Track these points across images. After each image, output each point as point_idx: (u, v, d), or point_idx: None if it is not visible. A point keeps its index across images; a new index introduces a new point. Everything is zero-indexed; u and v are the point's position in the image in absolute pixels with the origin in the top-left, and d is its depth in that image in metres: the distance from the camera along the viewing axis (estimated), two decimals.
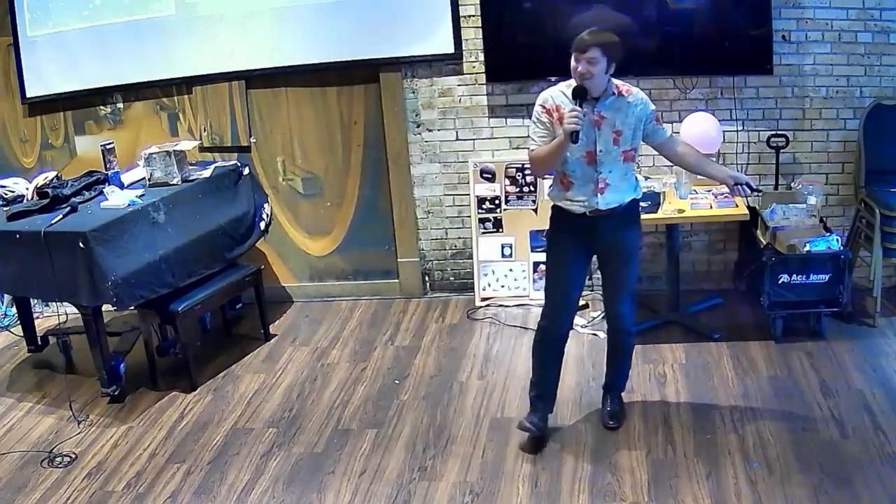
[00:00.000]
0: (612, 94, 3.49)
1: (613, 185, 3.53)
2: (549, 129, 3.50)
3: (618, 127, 3.50)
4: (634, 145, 3.57)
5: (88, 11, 5.20)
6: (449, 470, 3.63)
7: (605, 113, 3.48)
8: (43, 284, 4.21)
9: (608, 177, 3.52)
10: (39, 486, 3.73)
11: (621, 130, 3.50)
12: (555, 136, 3.47)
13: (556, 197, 3.63)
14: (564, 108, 3.45)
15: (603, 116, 3.48)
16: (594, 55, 3.36)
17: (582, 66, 3.38)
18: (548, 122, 3.51)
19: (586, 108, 3.43)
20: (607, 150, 3.50)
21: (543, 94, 3.55)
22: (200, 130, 5.38)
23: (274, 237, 5.42)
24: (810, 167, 4.93)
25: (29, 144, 5.61)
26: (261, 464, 3.79)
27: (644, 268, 5.19)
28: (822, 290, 4.34)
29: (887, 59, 4.71)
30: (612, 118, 3.49)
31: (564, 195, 3.59)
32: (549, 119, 3.50)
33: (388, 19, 4.97)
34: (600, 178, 3.51)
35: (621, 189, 3.56)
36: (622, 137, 3.51)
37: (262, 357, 4.82)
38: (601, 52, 3.37)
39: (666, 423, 3.82)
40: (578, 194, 3.56)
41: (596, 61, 3.37)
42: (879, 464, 3.40)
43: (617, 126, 3.50)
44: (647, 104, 3.56)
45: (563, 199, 3.60)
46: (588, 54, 3.36)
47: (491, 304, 5.21)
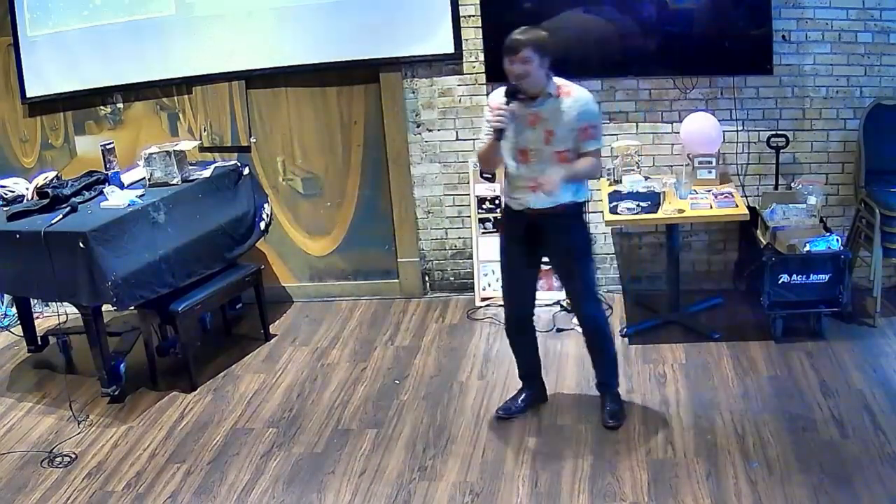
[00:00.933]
0: (552, 95, 3.54)
1: (545, 185, 3.54)
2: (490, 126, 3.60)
3: (551, 127, 3.54)
4: (569, 147, 3.56)
5: (88, 11, 5.20)
6: (449, 470, 3.63)
7: (540, 112, 3.54)
8: (43, 284, 4.21)
9: (540, 176, 3.54)
10: (39, 486, 3.73)
11: (553, 131, 3.54)
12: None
13: (503, 192, 3.79)
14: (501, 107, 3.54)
15: (538, 116, 3.54)
16: (527, 55, 3.43)
17: (517, 66, 3.45)
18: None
19: (520, 106, 3.52)
20: (539, 149, 3.56)
21: (490, 95, 3.66)
22: (200, 130, 5.38)
23: (274, 237, 5.42)
24: (810, 167, 4.93)
25: (29, 144, 5.61)
26: (261, 464, 3.79)
27: (644, 268, 5.21)
28: (822, 290, 4.34)
29: (887, 59, 4.71)
30: (546, 118, 3.54)
31: (507, 191, 3.74)
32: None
33: (388, 19, 4.97)
34: (533, 176, 3.57)
35: (552, 190, 3.54)
36: (555, 138, 3.55)
37: (262, 357, 4.82)
38: (533, 50, 3.43)
39: (666, 423, 3.82)
40: (517, 192, 3.67)
41: (530, 60, 3.43)
42: (879, 464, 3.40)
43: (550, 126, 3.54)
44: (586, 111, 3.55)
45: (506, 196, 3.75)
46: (522, 54, 3.43)
47: (491, 304, 5.21)
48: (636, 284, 5.24)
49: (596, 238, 3.93)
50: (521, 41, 3.44)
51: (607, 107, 4.98)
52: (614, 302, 5.10)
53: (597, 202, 5.06)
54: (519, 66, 3.45)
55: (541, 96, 3.54)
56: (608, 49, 4.89)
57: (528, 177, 3.60)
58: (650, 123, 4.99)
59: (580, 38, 4.86)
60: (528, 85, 3.50)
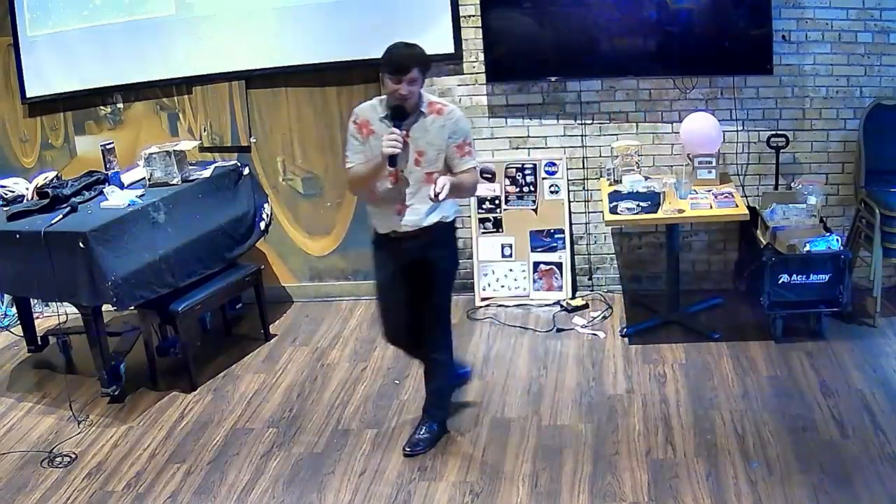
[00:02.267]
0: (422, 113, 3.41)
1: (413, 206, 3.45)
2: (363, 145, 3.45)
3: (421, 147, 3.42)
4: (439, 168, 3.45)
5: (88, 11, 5.21)
6: (449, 470, 3.63)
7: (410, 132, 3.40)
8: (43, 284, 4.21)
9: (409, 198, 3.45)
10: (39, 486, 3.73)
11: (424, 151, 3.42)
12: (368, 151, 3.42)
13: (370, 214, 3.61)
14: (373, 125, 3.42)
15: (405, 137, 3.38)
16: (415, 75, 3.30)
17: (405, 87, 3.29)
18: (360, 137, 3.45)
19: (388, 125, 3.37)
20: (409, 170, 3.43)
21: (356, 109, 3.50)
22: (200, 130, 5.38)
23: (274, 237, 5.42)
24: (810, 167, 4.93)
25: (29, 144, 5.61)
26: (261, 464, 3.79)
27: (644, 268, 5.21)
28: (822, 290, 4.34)
29: (887, 59, 4.71)
30: (416, 138, 3.41)
31: (373, 214, 3.58)
32: (361, 134, 3.45)
33: (388, 19, 4.96)
34: (400, 198, 3.45)
35: (421, 211, 3.47)
36: (424, 159, 3.43)
37: (262, 357, 4.82)
38: (420, 70, 3.32)
39: (666, 423, 3.82)
40: (380, 213, 3.53)
41: (417, 80, 3.32)
42: (879, 464, 3.40)
43: (420, 146, 3.42)
44: (458, 128, 3.45)
45: (373, 219, 3.59)
46: (409, 75, 3.28)
47: (491, 304, 5.21)
48: (636, 284, 5.24)
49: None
50: (410, 59, 3.29)
51: (607, 107, 4.99)
52: (614, 302, 5.11)
53: (597, 202, 5.07)
54: (406, 87, 3.29)
55: (411, 115, 3.40)
56: (608, 49, 4.89)
57: (396, 199, 3.45)
58: (650, 123, 4.99)
59: (580, 38, 4.86)
60: (410, 105, 3.36)
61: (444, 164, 3.47)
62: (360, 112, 3.48)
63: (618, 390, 4.14)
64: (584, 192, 5.15)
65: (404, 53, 3.32)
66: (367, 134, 3.44)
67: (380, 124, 3.42)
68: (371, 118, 3.44)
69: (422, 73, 3.34)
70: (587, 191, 5.14)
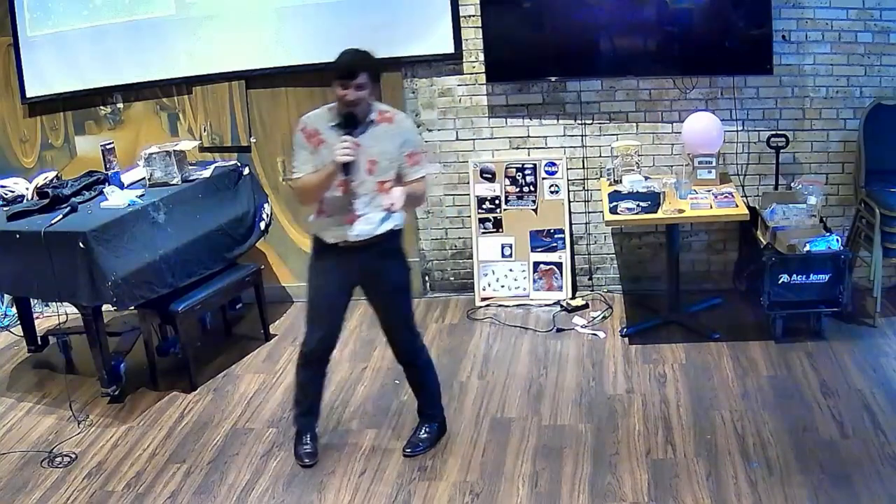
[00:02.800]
0: (372, 122, 3.38)
1: (365, 216, 3.42)
2: (312, 155, 3.39)
3: (373, 156, 3.37)
4: (391, 177, 3.42)
5: (88, 11, 5.21)
6: (449, 470, 3.63)
7: (361, 141, 3.34)
8: (43, 284, 4.21)
9: (360, 207, 3.40)
10: (39, 486, 3.73)
11: (377, 161, 3.38)
12: (318, 160, 3.37)
13: (314, 224, 3.52)
14: (322, 134, 3.36)
15: (358, 145, 3.32)
16: (363, 80, 3.26)
17: (352, 93, 3.25)
18: (309, 146, 3.39)
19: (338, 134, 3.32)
20: (361, 180, 3.37)
21: (303, 119, 3.43)
22: (200, 130, 5.38)
23: (274, 237, 5.42)
24: (810, 167, 4.93)
25: (29, 144, 5.61)
26: (261, 464, 3.79)
27: (644, 268, 5.21)
28: (822, 290, 4.34)
29: (887, 59, 4.71)
30: (368, 147, 3.35)
31: (318, 223, 3.49)
32: (310, 143, 3.39)
33: (388, 19, 4.97)
34: (352, 207, 3.40)
35: (373, 220, 3.43)
36: (378, 167, 3.39)
37: (262, 357, 4.82)
38: (368, 75, 3.28)
39: (666, 423, 3.82)
40: (330, 224, 3.45)
41: (365, 86, 3.27)
42: (879, 464, 3.40)
43: (372, 155, 3.37)
44: (409, 136, 3.45)
45: (318, 228, 3.51)
46: (358, 80, 3.25)
47: (491, 304, 5.21)
48: (636, 284, 5.24)
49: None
50: (357, 64, 3.25)
51: (607, 107, 4.99)
52: (614, 302, 5.11)
53: (597, 202, 5.07)
54: (354, 92, 3.25)
55: (361, 123, 3.36)
56: (608, 49, 4.89)
57: (347, 209, 3.40)
58: (650, 123, 4.99)
59: (580, 38, 4.86)
60: (359, 112, 3.32)
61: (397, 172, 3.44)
62: (308, 121, 3.42)
63: (618, 390, 4.14)
64: (584, 192, 5.15)
65: (352, 58, 3.30)
66: (317, 143, 3.38)
67: (330, 133, 3.37)
68: (320, 127, 3.39)
69: (370, 78, 3.29)
70: (587, 191, 5.14)
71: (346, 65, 3.28)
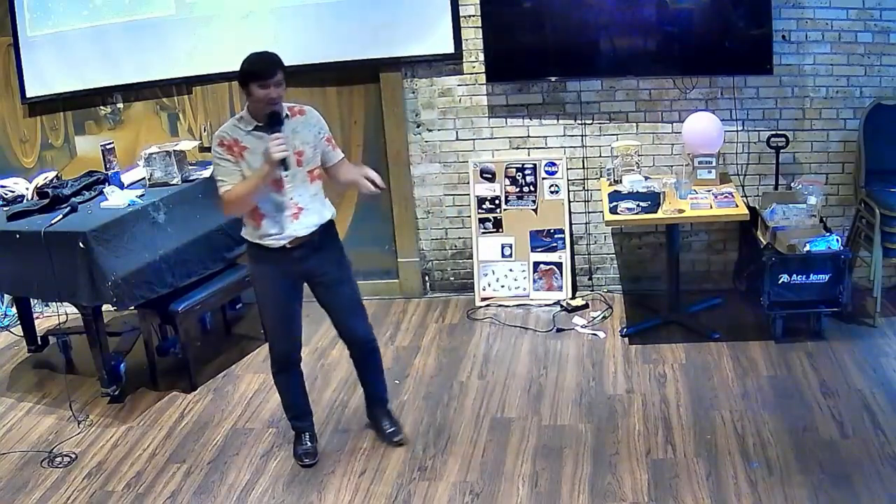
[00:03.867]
0: (287, 117, 3.45)
1: (307, 207, 3.47)
2: (237, 166, 3.40)
3: (299, 147, 3.44)
4: (317, 163, 3.53)
5: (88, 11, 5.20)
6: (449, 470, 3.63)
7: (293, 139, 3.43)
8: (43, 284, 4.21)
9: (300, 200, 3.46)
10: (39, 486, 3.73)
11: (303, 150, 3.46)
12: (243, 171, 3.38)
13: (251, 234, 3.51)
14: (243, 141, 3.38)
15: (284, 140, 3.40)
16: (280, 78, 3.35)
17: (273, 91, 3.33)
18: (231, 158, 3.39)
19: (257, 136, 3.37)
20: (293, 173, 3.43)
21: (218, 134, 3.43)
22: (200, 130, 5.38)
23: None
24: (810, 167, 4.93)
25: (29, 144, 5.61)
26: (261, 464, 3.79)
27: (644, 268, 5.21)
28: (822, 290, 4.33)
29: (887, 59, 4.70)
30: (291, 140, 3.42)
31: (258, 231, 3.48)
32: (232, 155, 3.39)
33: (388, 19, 4.97)
34: (292, 202, 3.44)
35: (316, 210, 3.51)
36: (304, 157, 3.47)
37: (262, 357, 4.81)
38: (283, 72, 3.37)
39: (666, 423, 3.82)
40: (273, 226, 3.45)
41: (282, 83, 3.36)
42: (879, 464, 3.40)
43: (298, 147, 3.44)
44: (322, 123, 3.56)
45: (259, 236, 3.48)
46: (277, 78, 3.34)
47: (491, 304, 5.21)
48: (636, 284, 5.24)
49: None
50: (274, 63, 3.34)
51: (607, 107, 4.99)
52: (614, 302, 5.11)
53: (597, 202, 5.07)
54: (275, 90, 3.33)
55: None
56: (608, 49, 4.89)
57: (286, 206, 3.44)
58: (650, 123, 4.99)
59: (580, 38, 4.86)
60: (279, 109, 3.40)
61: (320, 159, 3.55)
62: (225, 134, 3.41)
63: (618, 390, 4.14)
64: (584, 192, 5.15)
65: (268, 58, 3.37)
66: (239, 152, 3.39)
67: (250, 139, 3.39)
68: (238, 136, 3.40)
69: (284, 75, 3.39)
70: (587, 191, 5.14)
71: (265, 65, 3.36)
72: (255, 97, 3.34)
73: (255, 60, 3.38)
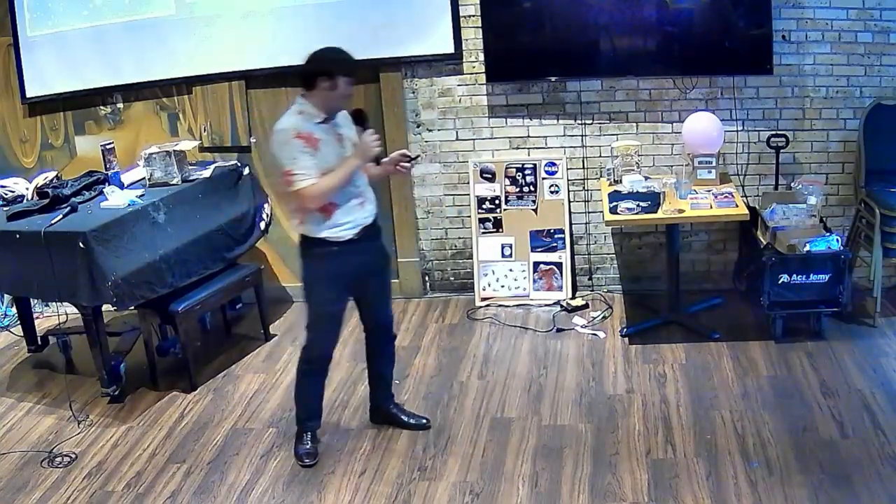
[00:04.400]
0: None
1: (366, 196, 3.57)
2: (313, 157, 3.39)
3: (354, 140, 3.54)
4: None
5: (88, 11, 5.20)
6: (449, 470, 3.63)
7: (340, 130, 3.52)
8: (43, 284, 4.21)
9: (363, 189, 3.56)
10: (39, 486, 3.73)
11: (355, 143, 3.54)
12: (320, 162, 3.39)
13: (317, 229, 3.49)
14: (316, 134, 3.40)
15: (340, 134, 3.51)
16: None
17: (351, 88, 3.44)
18: (311, 150, 3.39)
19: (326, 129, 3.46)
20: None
21: (291, 126, 3.39)
22: (200, 130, 5.38)
23: (274, 237, 5.42)
24: (810, 167, 4.93)
25: (29, 144, 5.61)
26: (261, 464, 3.79)
27: (644, 268, 5.21)
28: (822, 290, 4.34)
29: (887, 59, 4.71)
30: (346, 133, 3.53)
31: (328, 223, 3.48)
32: (311, 147, 3.39)
33: (388, 19, 4.97)
34: (358, 191, 3.53)
35: (371, 198, 3.60)
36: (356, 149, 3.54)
37: (262, 357, 4.82)
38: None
39: (666, 423, 3.82)
40: (345, 216, 3.49)
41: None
42: (879, 464, 3.40)
43: (352, 138, 3.54)
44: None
45: (328, 229, 3.48)
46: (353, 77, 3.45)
47: (491, 304, 5.21)
48: (636, 284, 5.24)
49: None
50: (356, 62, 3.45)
51: (607, 107, 4.99)
52: (614, 302, 5.11)
53: (597, 202, 5.07)
54: (351, 88, 3.44)
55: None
56: (608, 49, 4.89)
57: (353, 195, 3.50)
58: (650, 123, 4.99)
59: (580, 38, 4.86)
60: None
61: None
62: (297, 126, 3.39)
63: (618, 390, 4.14)
64: (584, 192, 5.15)
65: (351, 56, 3.44)
66: (315, 144, 3.40)
67: (318, 130, 3.42)
68: (311, 129, 3.41)
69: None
70: (587, 191, 5.14)
71: (353, 62, 3.44)
72: (338, 93, 3.40)
73: (344, 57, 3.43)
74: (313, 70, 3.39)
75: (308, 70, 3.41)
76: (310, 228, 3.50)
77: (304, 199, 3.41)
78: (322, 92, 3.39)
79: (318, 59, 3.42)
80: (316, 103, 3.42)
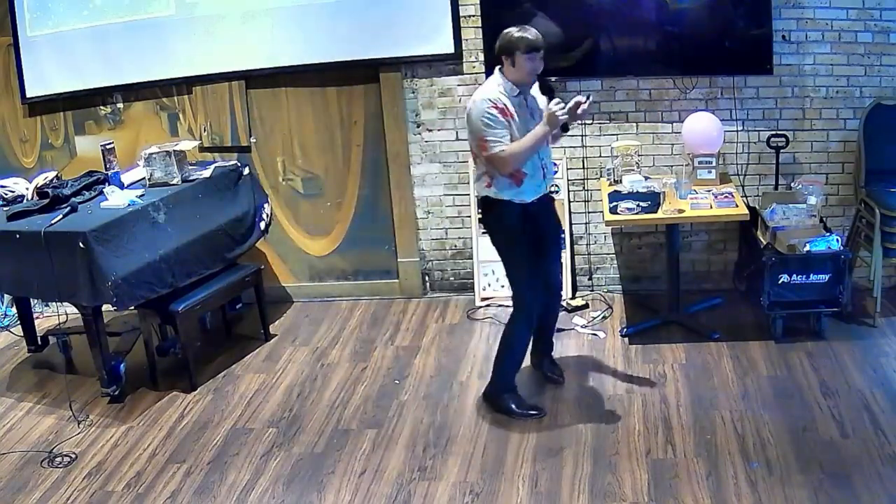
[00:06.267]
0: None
1: (549, 166, 3.88)
2: (508, 127, 3.68)
3: (541, 111, 3.77)
4: None
5: (88, 11, 5.20)
6: (449, 470, 3.63)
7: (532, 104, 3.81)
8: (43, 284, 4.21)
9: (546, 160, 3.85)
10: (39, 486, 3.73)
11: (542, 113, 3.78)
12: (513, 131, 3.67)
13: (506, 193, 3.78)
14: (510, 107, 3.67)
15: (531, 107, 3.80)
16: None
17: (539, 63, 3.67)
18: (505, 120, 3.66)
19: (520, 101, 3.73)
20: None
21: (489, 96, 3.67)
22: (200, 130, 5.38)
23: (274, 237, 5.42)
24: (810, 167, 4.93)
25: (29, 144, 5.61)
26: (261, 464, 3.79)
27: (644, 268, 5.21)
28: (822, 290, 4.34)
29: (887, 59, 4.71)
30: (535, 106, 3.81)
31: (515, 189, 3.77)
32: (506, 118, 3.67)
33: (388, 19, 4.97)
34: (543, 163, 3.82)
35: (552, 170, 3.93)
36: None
37: (262, 357, 4.82)
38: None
39: (666, 423, 3.82)
40: (531, 183, 3.79)
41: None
42: (879, 464, 3.40)
43: (541, 110, 3.78)
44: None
45: (516, 194, 3.78)
46: (542, 52, 3.65)
47: (491, 304, 5.21)
48: (636, 284, 5.24)
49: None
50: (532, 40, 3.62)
51: (607, 107, 4.99)
52: (614, 302, 5.11)
53: (597, 202, 5.07)
54: (540, 62, 3.66)
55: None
56: (608, 49, 4.89)
57: (540, 165, 3.80)
58: (650, 123, 4.99)
59: (580, 38, 4.86)
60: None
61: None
62: (498, 99, 3.67)
63: (618, 390, 4.14)
64: (584, 192, 5.15)
65: (534, 32, 3.64)
66: (509, 115, 3.68)
67: (512, 102, 3.69)
68: (507, 102, 3.68)
69: None
70: (587, 191, 5.14)
71: (538, 39, 3.62)
72: (529, 68, 3.64)
73: (535, 35, 3.63)
74: (497, 49, 3.69)
75: (496, 49, 3.70)
76: (496, 192, 3.79)
77: (496, 164, 3.69)
78: (508, 68, 3.67)
79: (501, 38, 3.67)
80: (513, 79, 3.69)
